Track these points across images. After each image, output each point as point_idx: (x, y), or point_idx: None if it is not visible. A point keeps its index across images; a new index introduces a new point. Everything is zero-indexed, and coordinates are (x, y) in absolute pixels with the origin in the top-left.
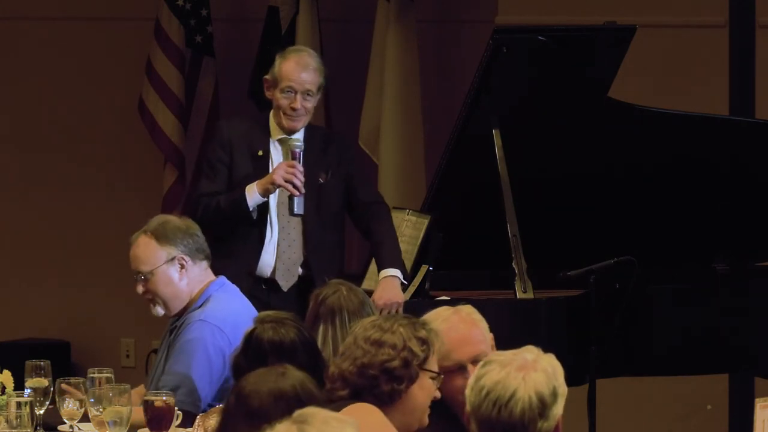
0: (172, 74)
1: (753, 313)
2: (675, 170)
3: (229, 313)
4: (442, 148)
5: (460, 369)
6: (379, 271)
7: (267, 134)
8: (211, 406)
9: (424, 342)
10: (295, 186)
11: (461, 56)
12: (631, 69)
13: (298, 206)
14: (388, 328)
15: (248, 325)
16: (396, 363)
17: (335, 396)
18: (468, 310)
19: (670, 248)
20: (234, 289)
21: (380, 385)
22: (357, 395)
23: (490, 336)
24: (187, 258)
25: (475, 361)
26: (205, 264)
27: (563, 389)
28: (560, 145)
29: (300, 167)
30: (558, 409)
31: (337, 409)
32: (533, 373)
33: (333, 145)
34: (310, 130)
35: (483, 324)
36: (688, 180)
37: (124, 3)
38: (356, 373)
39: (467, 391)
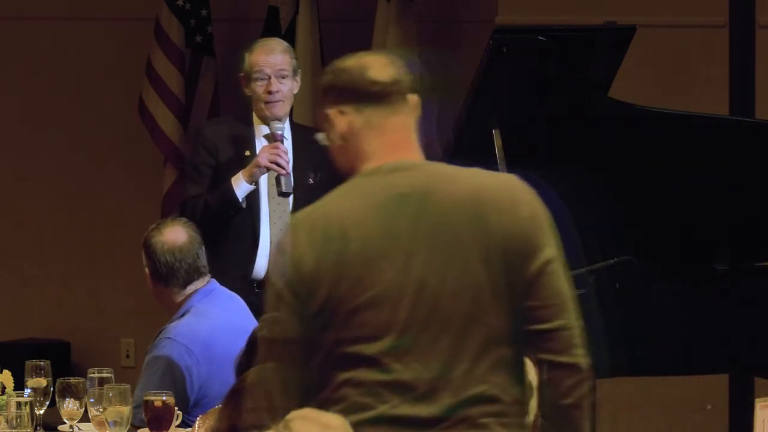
0: (172, 74)
1: (753, 313)
2: (674, 170)
3: (203, 331)
4: (442, 148)
5: None
6: None
7: (251, 132)
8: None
9: None
10: (280, 165)
11: (461, 56)
12: (631, 69)
13: (286, 185)
14: None
15: (227, 340)
16: None
17: None
18: None
19: (670, 248)
20: (221, 298)
21: None
22: None
23: None
24: (151, 275)
25: None
26: (176, 290)
27: (536, 382)
28: (559, 144)
29: (284, 147)
30: (534, 403)
31: None
32: None
33: (322, 144)
34: (296, 128)
35: None
36: (688, 180)
37: (124, 3)
38: None
39: None
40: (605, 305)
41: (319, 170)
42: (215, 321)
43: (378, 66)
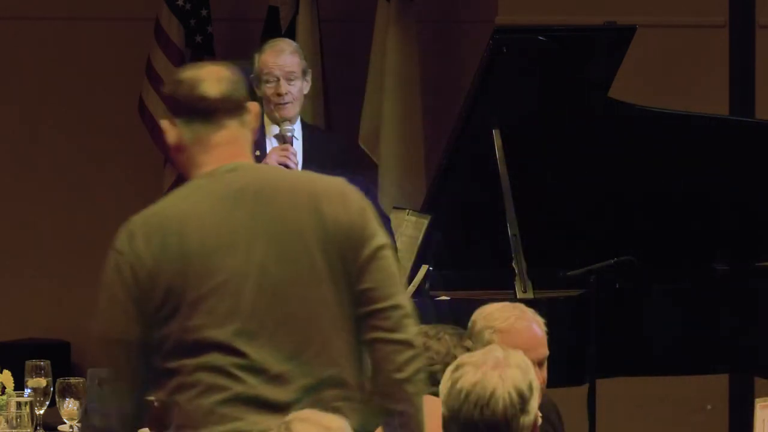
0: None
1: (753, 313)
2: (674, 170)
3: None
4: (442, 148)
5: None
6: None
7: (262, 133)
8: None
9: (468, 351)
10: (288, 167)
11: (461, 56)
12: (631, 69)
13: None
14: (434, 335)
15: None
16: (438, 368)
17: None
18: (531, 310)
19: (669, 248)
20: None
21: None
22: None
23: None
24: None
25: (540, 364)
26: None
27: (536, 382)
28: (560, 144)
29: (293, 149)
30: (535, 403)
31: None
32: (508, 369)
33: (330, 144)
34: (307, 129)
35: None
36: (688, 180)
37: (124, 3)
38: None
39: (443, 398)
40: (605, 305)
41: (330, 171)
42: None
43: (210, 81)
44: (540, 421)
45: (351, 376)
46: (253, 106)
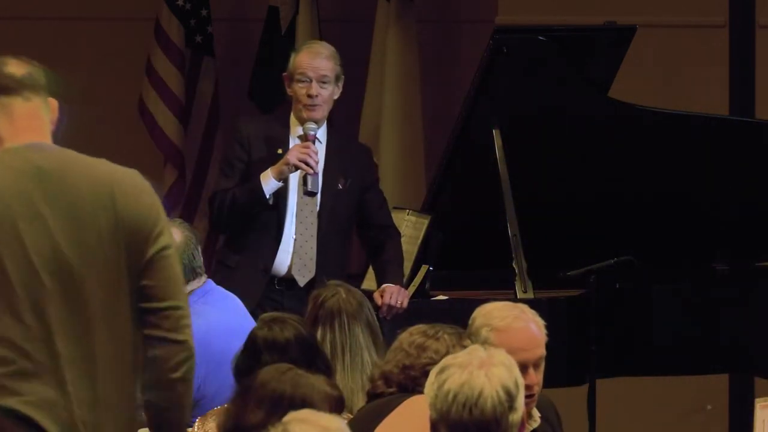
0: (172, 74)
1: (753, 313)
2: (674, 170)
3: (200, 331)
4: (442, 148)
5: (523, 369)
6: (379, 285)
7: (287, 131)
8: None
9: None
10: (309, 165)
11: (461, 56)
12: (631, 69)
13: (313, 185)
14: (433, 335)
15: (224, 340)
16: None
17: (385, 393)
18: (532, 311)
19: (669, 248)
20: (217, 298)
21: (422, 386)
22: (405, 392)
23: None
24: None
25: (536, 365)
26: None
27: (521, 379)
28: (560, 144)
29: (314, 147)
30: (522, 400)
31: (393, 402)
32: (494, 368)
33: (355, 152)
34: (333, 133)
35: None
36: (688, 180)
37: (124, 3)
38: (399, 373)
39: (430, 400)
40: (605, 305)
41: (349, 177)
42: (212, 321)
43: (15, 64)
44: (539, 421)
45: (129, 365)
46: (53, 102)
